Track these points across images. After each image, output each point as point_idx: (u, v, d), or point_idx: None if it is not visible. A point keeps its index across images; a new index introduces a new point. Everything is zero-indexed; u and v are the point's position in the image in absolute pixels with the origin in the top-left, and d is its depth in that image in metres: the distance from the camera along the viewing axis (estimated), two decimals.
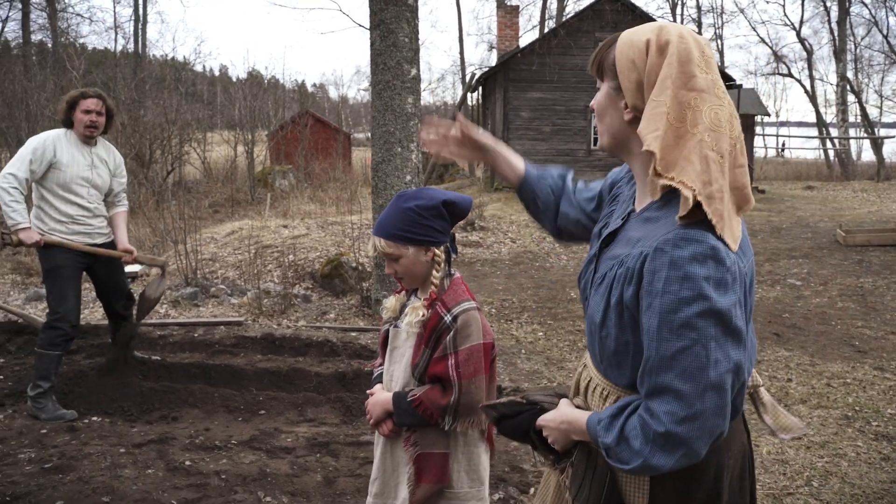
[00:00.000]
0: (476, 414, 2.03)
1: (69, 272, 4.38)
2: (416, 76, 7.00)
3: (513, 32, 20.22)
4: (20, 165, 4.20)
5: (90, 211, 4.47)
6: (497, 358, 2.15)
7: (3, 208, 4.18)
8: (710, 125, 1.36)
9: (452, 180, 25.29)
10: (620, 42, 1.46)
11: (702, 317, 1.28)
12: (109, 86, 23.00)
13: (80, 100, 4.34)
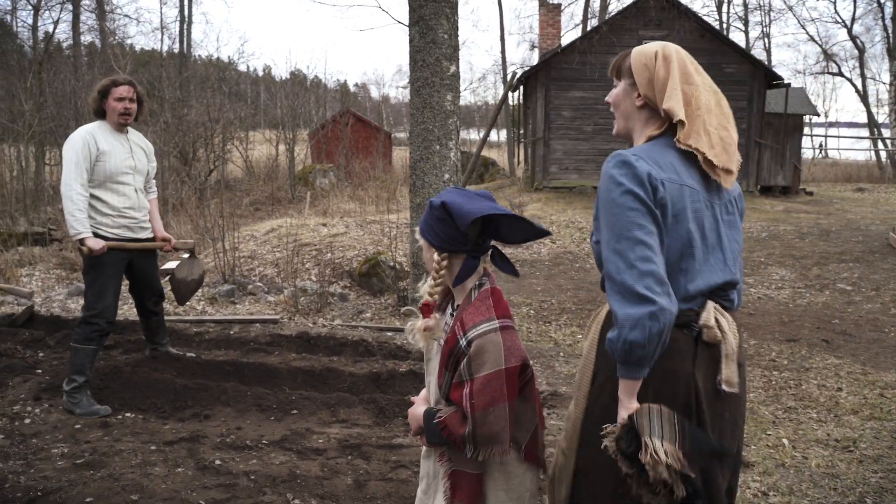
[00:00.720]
0: (498, 443, 1.90)
1: (111, 270, 4.37)
2: (455, 73, 6.91)
3: (555, 31, 20.00)
4: (75, 170, 4.18)
5: (135, 202, 4.46)
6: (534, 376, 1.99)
7: (66, 217, 4.19)
8: (704, 108, 1.92)
9: (493, 180, 25.16)
10: (634, 53, 2.02)
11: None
12: (154, 85, 23.36)
13: (112, 87, 4.32)
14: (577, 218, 14.40)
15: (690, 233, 1.83)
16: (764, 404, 4.66)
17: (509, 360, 1.89)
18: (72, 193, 4.17)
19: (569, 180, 18.61)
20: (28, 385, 4.63)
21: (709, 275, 1.87)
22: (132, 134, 4.53)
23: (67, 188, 4.17)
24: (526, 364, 1.95)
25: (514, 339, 1.94)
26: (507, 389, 1.88)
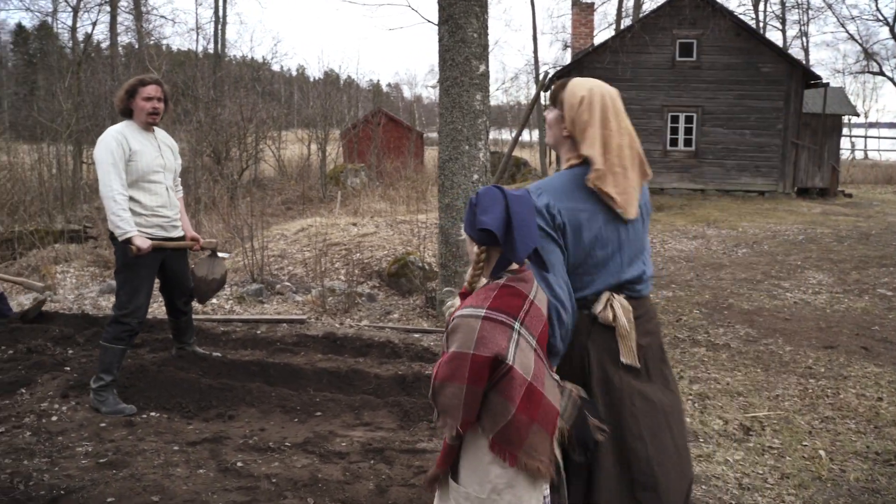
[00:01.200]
0: (450, 417, 2.00)
1: (146, 270, 4.37)
2: (484, 72, 6.84)
3: (587, 30, 19.83)
4: (113, 171, 4.17)
5: (167, 200, 4.46)
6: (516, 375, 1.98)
7: (110, 218, 4.18)
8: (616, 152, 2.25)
9: (524, 180, 25.03)
10: (567, 90, 2.32)
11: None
12: (189, 85, 23.62)
13: (140, 87, 4.31)
14: None
15: (589, 243, 2.25)
16: (800, 413, 4.52)
17: (479, 347, 1.96)
18: (113, 194, 4.16)
19: None
20: (56, 382, 4.65)
21: (607, 276, 2.30)
22: (158, 132, 4.53)
23: (108, 189, 4.17)
24: (499, 359, 1.98)
25: (494, 332, 1.98)
26: (468, 373, 1.95)
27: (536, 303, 2.10)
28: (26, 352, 5.22)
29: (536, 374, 2.05)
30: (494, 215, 2.03)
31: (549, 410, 2.07)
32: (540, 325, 2.10)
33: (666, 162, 18.48)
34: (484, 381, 1.98)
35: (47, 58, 33.11)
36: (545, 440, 2.05)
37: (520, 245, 2.02)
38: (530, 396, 2.02)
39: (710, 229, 13.83)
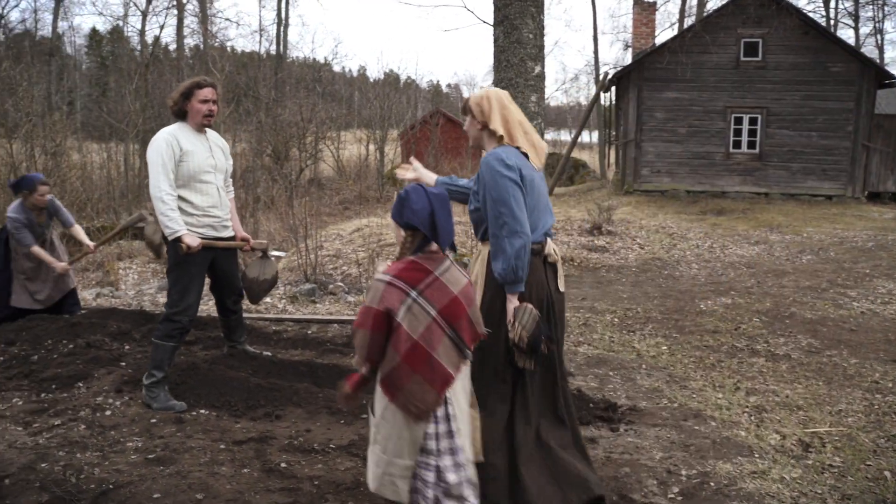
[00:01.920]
0: (359, 354, 2.60)
1: (196, 269, 4.44)
2: (540, 74, 6.75)
3: (649, 30, 19.48)
4: (162, 172, 4.24)
5: (217, 201, 4.51)
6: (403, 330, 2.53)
7: (160, 217, 4.26)
8: (515, 122, 3.14)
9: (583, 182, 24.77)
10: (471, 99, 3.20)
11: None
12: (250, 86, 24.07)
13: (196, 90, 4.36)
14: (668, 223, 13.94)
15: (534, 193, 3.10)
16: (864, 430, 4.32)
17: (379, 304, 2.54)
18: (161, 195, 4.24)
19: (660, 183, 18.09)
20: (112, 377, 4.76)
21: (546, 219, 3.18)
22: (210, 133, 4.59)
23: (157, 190, 4.25)
24: (390, 314, 2.54)
25: (391, 294, 2.55)
26: (371, 322, 2.54)
27: (442, 279, 2.61)
28: (85, 346, 5.36)
29: (426, 337, 2.55)
30: (422, 214, 2.60)
31: (439, 370, 2.56)
32: (445, 299, 2.59)
33: (728, 165, 18.02)
34: (382, 331, 2.55)
35: (118, 60, 34.17)
36: (428, 392, 2.55)
37: (443, 237, 2.63)
38: (416, 352, 2.54)
39: (774, 234, 13.42)
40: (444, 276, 2.62)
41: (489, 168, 3.01)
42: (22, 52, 31.04)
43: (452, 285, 2.62)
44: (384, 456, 2.63)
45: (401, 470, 2.61)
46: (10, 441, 3.81)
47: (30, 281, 6.13)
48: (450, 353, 2.60)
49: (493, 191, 2.98)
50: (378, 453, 2.66)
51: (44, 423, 4.12)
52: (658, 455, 3.85)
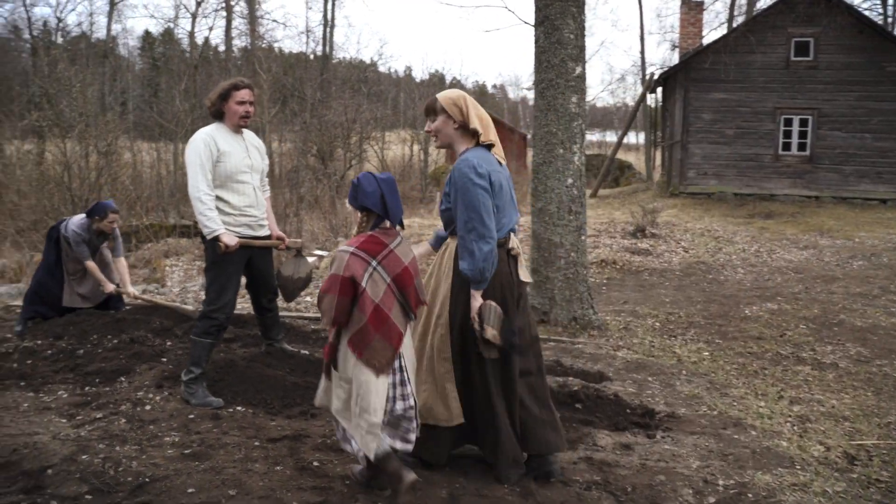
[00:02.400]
0: (326, 318, 3.02)
1: (233, 267, 4.50)
2: (580, 74, 6.68)
3: (696, 30, 19.16)
4: (200, 172, 4.31)
5: (254, 200, 4.57)
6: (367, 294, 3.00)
7: (198, 217, 4.34)
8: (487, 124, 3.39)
9: (628, 184, 24.50)
10: (441, 100, 3.36)
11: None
12: (296, 86, 24.34)
13: (233, 91, 4.42)
14: (713, 226, 13.70)
15: (500, 195, 3.32)
16: None
17: (345, 271, 2.97)
18: (199, 195, 4.31)
19: (707, 186, 17.78)
20: (153, 373, 4.85)
21: (511, 216, 3.43)
22: (247, 134, 4.64)
23: (195, 190, 4.32)
24: (355, 281, 2.99)
25: (355, 263, 3.00)
26: (338, 288, 2.96)
27: (396, 252, 3.10)
28: (129, 342, 5.47)
29: (384, 301, 3.03)
30: (374, 197, 3.06)
31: (393, 329, 3.05)
32: (398, 269, 3.08)
33: (777, 167, 17.63)
34: (347, 296, 2.97)
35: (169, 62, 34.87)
36: (387, 349, 3.02)
37: (393, 214, 3.11)
38: (378, 314, 3.01)
39: (824, 239, 13.08)
40: (397, 249, 3.11)
41: (462, 175, 3.25)
42: (78, 55, 31.90)
43: (403, 257, 3.13)
44: (355, 408, 3.04)
45: (369, 426, 3.00)
46: (55, 432, 3.90)
47: (77, 283, 6.31)
48: (399, 316, 3.10)
49: (465, 197, 3.22)
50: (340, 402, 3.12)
51: (86, 416, 4.21)
52: (695, 464, 3.77)
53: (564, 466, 3.64)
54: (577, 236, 6.81)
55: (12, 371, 5.04)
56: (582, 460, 3.74)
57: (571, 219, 6.78)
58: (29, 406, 4.40)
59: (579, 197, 6.82)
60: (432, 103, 3.39)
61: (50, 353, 5.36)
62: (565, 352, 5.95)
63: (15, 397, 4.58)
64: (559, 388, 4.72)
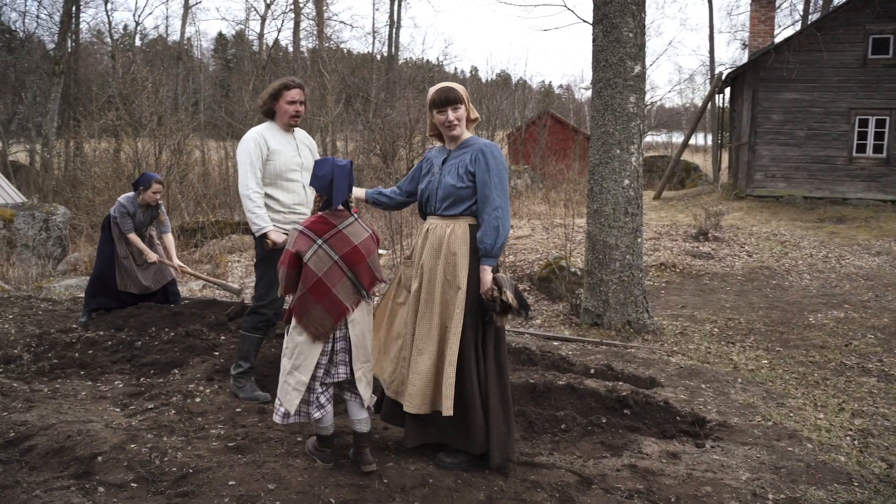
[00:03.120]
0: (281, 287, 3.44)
1: None
2: (639, 73, 6.55)
3: (767, 28, 18.56)
4: (249, 170, 4.37)
5: (303, 198, 4.61)
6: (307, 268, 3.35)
7: (247, 215, 4.41)
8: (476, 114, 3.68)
9: (694, 185, 23.95)
10: (460, 89, 3.56)
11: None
12: (361, 87, 24.60)
13: (284, 91, 4.46)
14: (780, 230, 13.27)
15: None
16: None
17: (293, 247, 3.34)
18: (249, 192, 4.37)
19: (775, 189, 17.23)
20: (205, 366, 4.96)
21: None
22: (298, 132, 4.69)
23: (244, 188, 4.38)
24: (299, 255, 3.34)
25: (301, 240, 3.35)
26: (287, 261, 3.35)
27: (345, 232, 3.38)
28: (184, 335, 5.61)
29: (329, 276, 3.34)
30: (324, 180, 3.35)
31: (336, 302, 3.35)
32: (346, 248, 3.36)
33: (850, 170, 16.94)
34: (294, 268, 3.36)
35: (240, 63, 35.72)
36: (326, 318, 3.34)
37: (335, 197, 3.36)
38: (319, 287, 3.33)
39: None
40: (346, 230, 3.39)
41: (495, 158, 3.47)
42: (155, 57, 32.96)
43: (354, 237, 3.39)
44: (288, 366, 3.39)
45: (296, 383, 3.34)
46: (108, 421, 4.03)
47: (129, 265, 6.48)
48: (348, 291, 3.38)
49: (500, 179, 3.45)
50: (284, 363, 3.42)
51: (139, 406, 4.33)
52: (744, 476, 3.64)
53: (606, 473, 3.57)
54: (633, 238, 6.68)
55: (74, 360, 5.23)
56: (625, 468, 3.66)
57: (627, 220, 6.65)
58: (86, 395, 4.56)
59: (636, 198, 6.69)
60: (456, 93, 3.53)
61: (110, 344, 5.53)
62: (617, 356, 5.84)
63: (74, 385, 4.75)
64: (607, 392, 4.63)
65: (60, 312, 7.04)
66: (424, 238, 3.62)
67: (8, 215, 13.43)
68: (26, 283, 9.95)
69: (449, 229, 3.52)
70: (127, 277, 6.46)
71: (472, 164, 3.47)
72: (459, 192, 3.49)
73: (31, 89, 27.86)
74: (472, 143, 3.56)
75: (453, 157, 3.58)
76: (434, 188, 3.59)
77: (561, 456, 3.80)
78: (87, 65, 33.37)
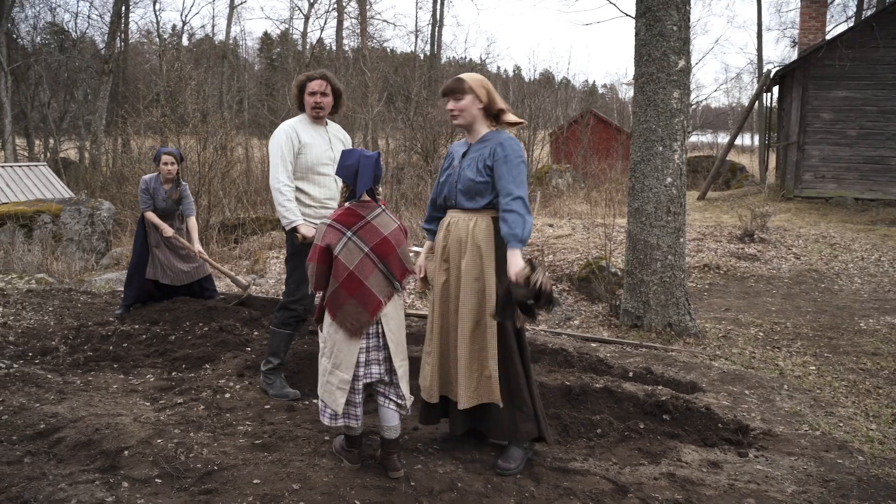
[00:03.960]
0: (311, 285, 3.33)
1: None
2: (683, 68, 6.35)
3: (818, 24, 18.01)
4: (280, 164, 4.32)
5: (335, 193, 4.54)
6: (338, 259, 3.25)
7: (277, 208, 4.36)
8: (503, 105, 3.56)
9: (740, 186, 23.44)
10: (469, 80, 3.49)
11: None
12: (402, 85, 24.58)
13: (306, 83, 4.42)
14: (830, 232, 12.85)
15: None
16: None
17: (322, 241, 3.25)
18: (279, 186, 4.32)
19: (825, 190, 16.71)
20: (236, 361, 4.92)
21: None
22: (331, 126, 4.62)
23: (275, 181, 4.33)
24: (329, 249, 3.25)
25: (330, 233, 3.25)
26: (317, 256, 3.25)
27: (373, 223, 3.30)
28: (217, 330, 5.59)
29: (361, 269, 3.24)
30: (350, 170, 3.28)
31: (369, 295, 3.25)
32: (376, 239, 3.28)
33: None
34: (324, 263, 3.25)
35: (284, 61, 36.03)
36: (361, 313, 3.23)
37: (360, 186, 3.27)
38: (351, 280, 3.23)
39: None
40: (374, 221, 3.32)
41: (515, 153, 3.43)
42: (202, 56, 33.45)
43: (383, 228, 3.32)
44: (328, 365, 3.29)
45: (339, 381, 3.25)
46: (137, 415, 4.00)
47: (162, 257, 6.50)
48: (381, 283, 3.29)
49: (515, 168, 3.40)
50: (324, 363, 3.33)
51: (168, 400, 4.31)
52: (790, 488, 3.46)
53: (643, 481, 3.42)
54: (675, 238, 6.48)
55: (108, 353, 5.25)
56: (663, 476, 3.50)
57: (670, 220, 6.45)
58: (118, 388, 4.55)
59: (678, 197, 6.48)
60: (459, 83, 3.49)
61: (144, 338, 5.54)
62: (657, 359, 5.66)
63: (106, 378, 4.75)
64: (646, 396, 4.47)
65: (99, 305, 7.10)
66: (447, 232, 3.58)
67: (55, 210, 13.70)
68: (69, 277, 10.10)
69: (472, 223, 3.50)
70: (158, 266, 6.48)
71: (490, 158, 3.44)
72: (478, 186, 3.46)
73: (82, 87, 28.47)
74: (492, 137, 3.52)
75: (473, 151, 3.54)
76: (454, 182, 3.57)
77: (596, 462, 3.66)
78: (136, 64, 34.01)
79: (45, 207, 13.72)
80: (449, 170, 3.64)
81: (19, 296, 7.29)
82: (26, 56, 27.57)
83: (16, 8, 26.33)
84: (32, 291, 7.70)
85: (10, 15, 25.27)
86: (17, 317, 6.41)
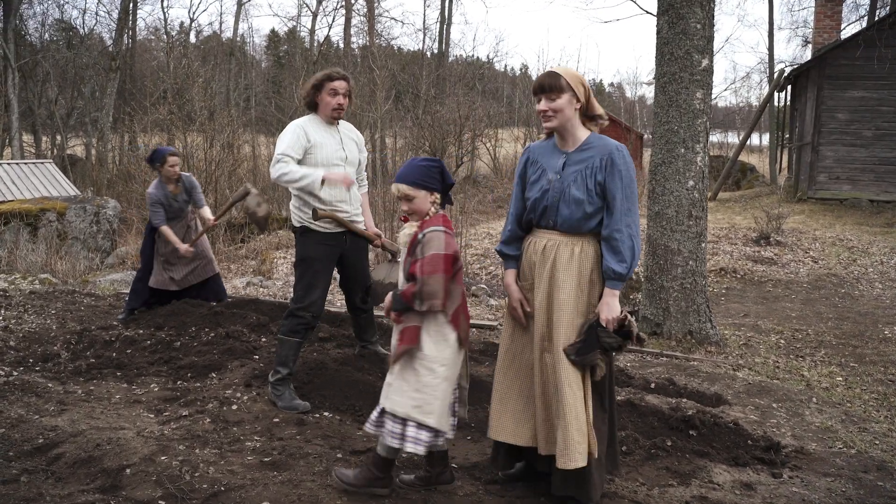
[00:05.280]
0: (436, 298, 2.89)
1: (321, 265, 4.31)
2: (707, 67, 6.15)
3: (833, 23, 17.75)
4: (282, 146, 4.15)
5: (347, 195, 4.36)
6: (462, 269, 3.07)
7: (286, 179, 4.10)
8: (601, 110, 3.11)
9: (750, 187, 23.22)
10: (567, 76, 2.98)
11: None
12: (410, 83, 24.39)
13: (327, 82, 4.21)
14: (846, 235, 12.62)
15: None
16: None
17: (447, 249, 2.95)
18: (280, 157, 4.10)
19: (839, 191, 16.46)
20: (243, 370, 4.74)
21: None
22: (343, 125, 4.43)
23: (275, 160, 4.13)
24: (456, 257, 3.01)
25: (451, 241, 3.00)
26: (443, 267, 2.92)
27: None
28: (224, 336, 5.41)
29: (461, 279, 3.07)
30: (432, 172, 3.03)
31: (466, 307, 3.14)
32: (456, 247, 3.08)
33: None
34: (451, 273, 2.97)
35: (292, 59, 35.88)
36: (467, 324, 3.12)
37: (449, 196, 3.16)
38: (463, 292, 3.08)
39: None
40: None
41: (626, 164, 2.97)
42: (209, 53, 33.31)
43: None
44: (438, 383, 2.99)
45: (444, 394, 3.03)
46: (140, 428, 3.83)
47: (168, 263, 6.31)
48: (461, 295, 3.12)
49: (628, 188, 2.96)
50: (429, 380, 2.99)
51: (173, 412, 4.12)
52: None
53: None
54: (696, 243, 6.28)
55: (111, 360, 5.07)
56: (695, 499, 3.31)
57: (691, 224, 6.25)
58: (120, 398, 4.38)
59: (700, 200, 6.28)
60: (554, 79, 2.96)
61: (149, 344, 5.36)
62: (679, 369, 5.46)
63: (109, 388, 4.57)
64: (671, 410, 4.27)
65: (103, 308, 6.94)
66: (542, 257, 3.07)
67: (61, 208, 13.55)
68: (73, 277, 9.95)
69: (577, 248, 3.02)
70: (162, 274, 6.29)
71: (602, 172, 2.95)
72: (589, 207, 2.97)
73: (90, 84, 28.35)
74: (597, 143, 3.01)
75: (575, 162, 3.01)
76: (555, 201, 3.02)
77: (623, 483, 3.47)
78: (143, 61, 33.90)
79: (50, 205, 13.58)
80: (541, 182, 3.08)
81: (22, 297, 7.13)
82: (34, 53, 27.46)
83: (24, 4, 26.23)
84: (35, 293, 7.54)
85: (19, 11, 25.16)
86: (19, 320, 6.25)
